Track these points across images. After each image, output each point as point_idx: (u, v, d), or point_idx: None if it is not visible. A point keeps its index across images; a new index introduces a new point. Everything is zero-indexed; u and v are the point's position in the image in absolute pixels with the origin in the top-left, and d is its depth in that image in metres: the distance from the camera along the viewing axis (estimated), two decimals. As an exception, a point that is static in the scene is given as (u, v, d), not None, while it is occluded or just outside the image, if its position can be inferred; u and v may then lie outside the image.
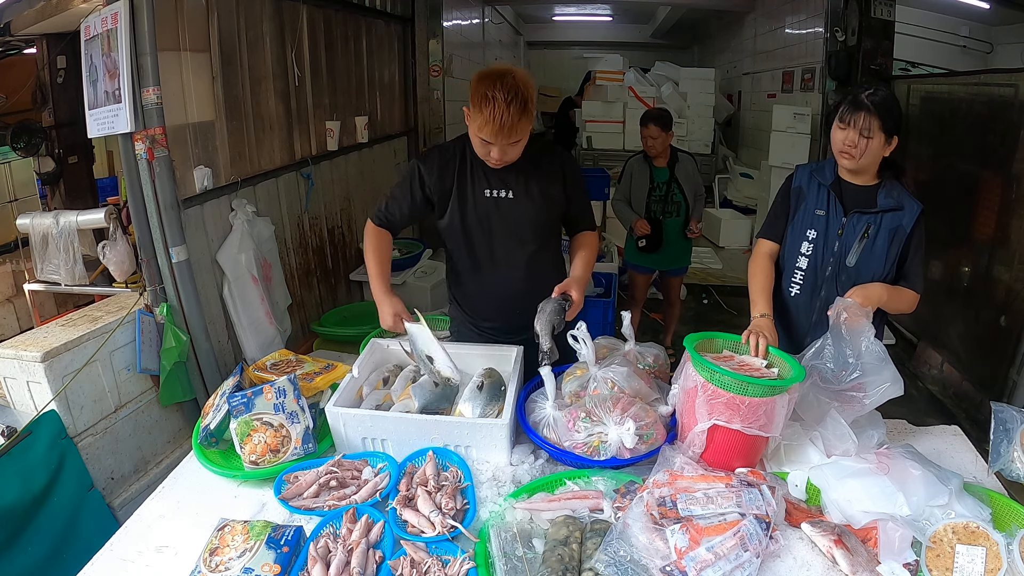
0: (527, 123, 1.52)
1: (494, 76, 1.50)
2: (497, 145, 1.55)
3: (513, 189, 1.70)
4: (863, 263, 1.67)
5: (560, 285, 1.67)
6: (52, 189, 3.11)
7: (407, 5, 4.60)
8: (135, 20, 2.06)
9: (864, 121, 1.55)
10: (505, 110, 1.47)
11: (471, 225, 1.73)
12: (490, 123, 1.49)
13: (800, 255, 1.74)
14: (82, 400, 2.11)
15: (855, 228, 1.66)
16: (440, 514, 1.24)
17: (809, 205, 1.73)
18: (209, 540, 1.22)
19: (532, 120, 1.54)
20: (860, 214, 1.66)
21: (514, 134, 1.52)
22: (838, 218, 1.68)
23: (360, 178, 3.98)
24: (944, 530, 1.17)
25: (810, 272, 1.74)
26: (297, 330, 3.17)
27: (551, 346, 1.57)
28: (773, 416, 1.33)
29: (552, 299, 1.64)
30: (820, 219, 1.70)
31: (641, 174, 3.33)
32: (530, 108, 1.51)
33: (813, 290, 1.75)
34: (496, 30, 8.38)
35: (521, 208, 1.71)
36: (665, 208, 3.32)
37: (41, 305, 2.80)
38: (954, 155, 3.35)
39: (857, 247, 1.66)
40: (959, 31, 4.92)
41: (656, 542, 1.14)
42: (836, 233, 1.68)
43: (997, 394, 2.91)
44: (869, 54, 4.22)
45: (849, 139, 1.59)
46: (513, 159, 1.62)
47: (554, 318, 1.60)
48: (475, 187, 1.70)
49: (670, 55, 8.95)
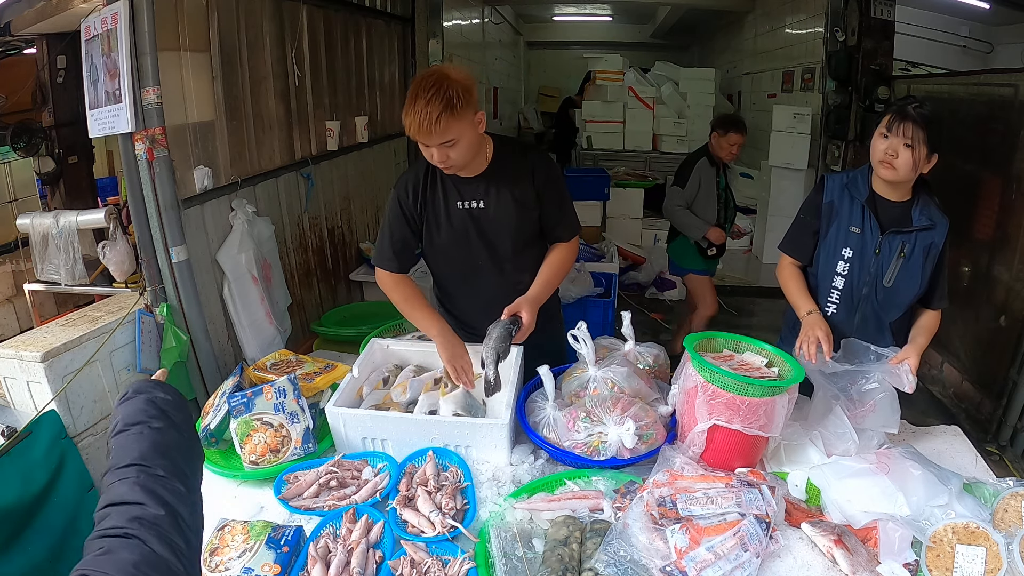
0: (455, 122, 1.44)
1: (421, 77, 1.46)
2: (432, 147, 1.48)
3: (484, 199, 1.65)
4: (899, 282, 1.65)
5: (510, 306, 1.59)
6: (52, 189, 3.11)
7: (407, 5, 4.60)
8: (135, 20, 2.06)
9: (911, 131, 1.53)
10: (424, 110, 1.41)
11: (449, 240, 1.69)
12: (412, 124, 1.45)
13: (836, 274, 1.71)
14: (82, 400, 2.11)
15: (891, 247, 1.64)
16: (440, 514, 1.24)
17: (843, 222, 1.68)
18: (209, 540, 1.22)
19: (464, 120, 1.45)
20: (895, 233, 1.63)
21: (441, 134, 1.44)
22: (874, 236, 1.65)
23: (360, 178, 3.98)
24: (944, 530, 1.17)
25: (846, 291, 1.71)
26: (297, 330, 3.17)
27: (496, 375, 1.51)
28: (773, 416, 1.33)
29: (500, 322, 1.56)
30: (855, 237, 1.67)
31: (711, 181, 3.27)
32: (458, 107, 1.42)
33: (849, 309, 1.73)
34: (496, 30, 8.38)
35: (494, 217, 1.66)
36: (727, 215, 3.38)
37: (41, 305, 2.79)
38: (954, 155, 3.35)
39: (894, 266, 1.64)
40: (959, 31, 4.91)
41: (656, 542, 1.14)
42: (873, 252, 1.65)
43: (997, 394, 2.91)
44: (869, 54, 4.22)
45: (892, 148, 1.55)
46: (459, 163, 1.53)
47: (499, 345, 1.51)
48: (448, 201, 1.66)
49: (670, 55, 8.94)
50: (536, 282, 1.69)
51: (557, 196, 1.71)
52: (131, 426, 0.84)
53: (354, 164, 3.88)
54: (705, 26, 9.27)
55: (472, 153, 1.56)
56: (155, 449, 0.82)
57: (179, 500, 0.77)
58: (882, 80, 4.18)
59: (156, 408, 0.88)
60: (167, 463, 0.81)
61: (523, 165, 1.66)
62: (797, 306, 1.72)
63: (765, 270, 5.29)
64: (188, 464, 0.85)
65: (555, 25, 10.95)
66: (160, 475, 0.78)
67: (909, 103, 1.56)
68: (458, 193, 1.66)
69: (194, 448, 0.91)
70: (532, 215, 1.69)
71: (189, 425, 0.92)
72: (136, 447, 0.81)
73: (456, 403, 1.52)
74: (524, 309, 1.59)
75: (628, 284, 4.86)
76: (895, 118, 1.56)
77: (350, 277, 3.79)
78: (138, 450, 0.80)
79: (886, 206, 1.66)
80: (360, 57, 3.91)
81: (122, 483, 0.76)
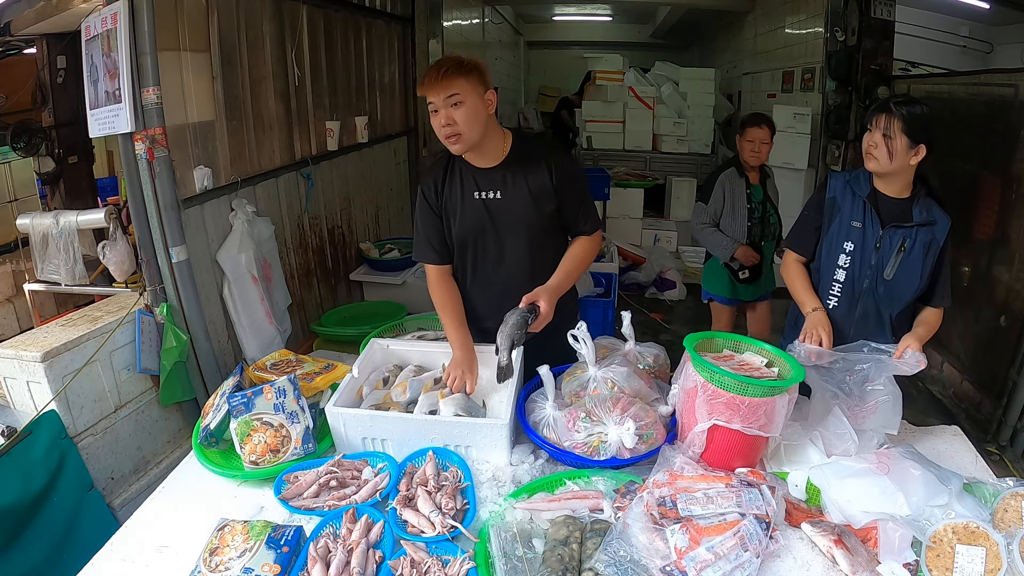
0: (461, 79, 1.52)
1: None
2: (440, 108, 1.54)
3: (501, 190, 1.67)
4: (900, 276, 1.69)
5: (529, 295, 1.59)
6: (52, 189, 3.11)
7: (407, 5, 4.60)
8: (135, 20, 2.06)
9: (885, 122, 1.59)
10: (436, 68, 1.53)
11: (466, 230, 1.72)
12: (425, 80, 1.55)
13: (837, 267, 1.76)
14: (82, 400, 2.11)
15: (892, 241, 1.68)
16: (440, 514, 1.24)
17: (845, 217, 1.73)
18: (209, 540, 1.22)
19: (471, 81, 1.53)
20: (896, 228, 1.67)
21: (447, 87, 1.52)
22: (875, 231, 1.69)
23: (360, 178, 3.98)
24: (944, 530, 1.17)
25: (847, 285, 1.76)
26: (297, 330, 3.17)
27: (508, 362, 1.53)
28: (773, 416, 1.33)
29: (517, 310, 1.56)
30: (857, 231, 1.71)
31: (740, 193, 2.81)
32: (468, 68, 1.53)
33: (850, 303, 1.77)
34: (496, 30, 8.38)
35: (511, 207, 1.68)
36: (764, 232, 2.86)
37: (41, 305, 2.80)
38: (954, 155, 3.35)
39: (894, 260, 1.68)
40: (959, 31, 4.91)
41: (656, 542, 1.14)
42: (873, 246, 1.70)
43: (997, 394, 2.91)
44: (869, 54, 4.22)
45: (872, 140, 1.63)
46: (465, 131, 1.56)
47: (515, 332, 1.52)
48: (464, 192, 1.69)
49: (670, 55, 8.94)
50: (556, 272, 1.69)
51: (576, 191, 1.72)
52: None
53: (354, 164, 3.88)
54: (705, 26, 9.28)
55: (478, 127, 1.57)
56: None
57: None
58: (882, 80, 4.18)
59: None
60: None
61: (541, 158, 1.68)
62: (802, 302, 1.77)
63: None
64: None
65: (555, 25, 10.96)
66: None
67: (893, 98, 1.63)
68: (475, 184, 1.68)
69: None
70: (548, 208, 1.70)
71: None
72: None
73: (456, 405, 1.52)
74: (543, 298, 1.59)
75: (628, 284, 4.86)
76: (874, 111, 1.64)
77: (350, 277, 3.79)
78: None
79: (887, 202, 1.70)
80: (360, 57, 3.91)
81: None
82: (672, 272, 4.93)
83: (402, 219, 4.63)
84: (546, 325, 1.62)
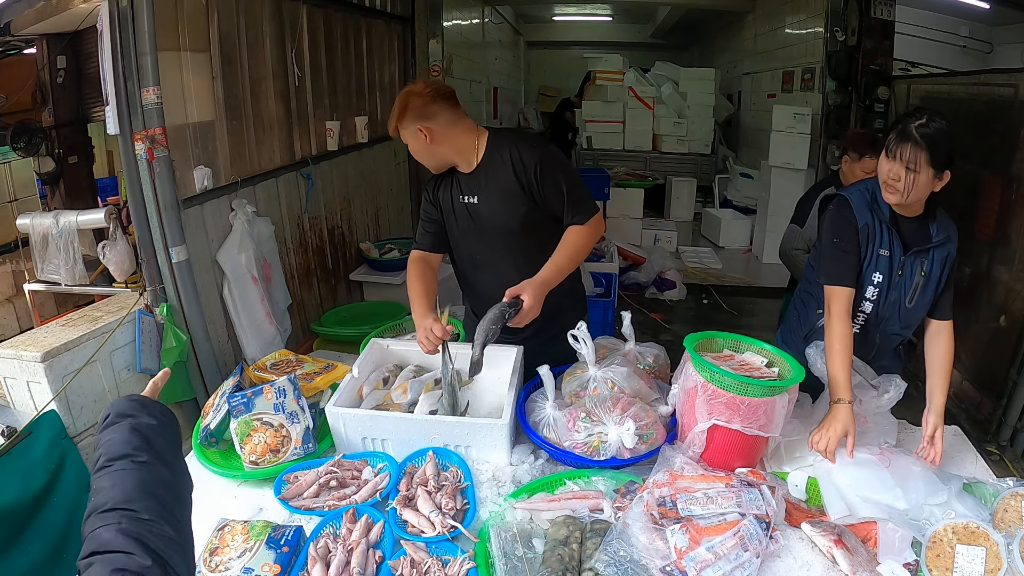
0: (402, 130, 1.65)
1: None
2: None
3: (478, 195, 1.68)
4: (919, 301, 1.60)
5: (513, 288, 1.53)
6: (52, 189, 3.11)
7: (407, 5, 4.60)
8: (135, 20, 2.06)
9: (911, 154, 1.41)
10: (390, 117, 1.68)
11: (457, 232, 1.75)
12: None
13: (864, 299, 1.63)
14: (82, 400, 2.11)
15: (912, 268, 1.57)
16: (440, 514, 1.24)
17: (875, 245, 1.58)
18: (209, 540, 1.22)
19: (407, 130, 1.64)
20: (916, 253, 1.56)
21: (399, 135, 1.68)
22: (898, 258, 1.57)
23: (360, 178, 3.98)
24: (944, 530, 1.17)
25: (872, 315, 1.65)
26: (297, 330, 3.17)
27: (479, 357, 1.49)
28: (773, 416, 1.33)
29: (497, 304, 1.51)
30: (884, 260, 1.57)
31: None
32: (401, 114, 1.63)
33: (870, 335, 1.68)
34: (496, 30, 8.38)
35: (487, 212, 1.68)
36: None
37: (41, 305, 2.79)
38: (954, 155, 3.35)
39: (915, 288, 1.58)
40: (959, 31, 4.91)
41: (656, 542, 1.14)
42: (897, 274, 1.58)
43: (997, 394, 2.91)
44: (869, 54, 4.23)
45: (894, 172, 1.45)
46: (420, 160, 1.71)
47: (489, 327, 1.46)
48: (453, 196, 1.72)
49: (670, 55, 8.95)
50: (546, 265, 1.60)
51: (555, 181, 1.62)
52: (113, 461, 0.79)
53: (354, 164, 3.88)
54: (705, 26, 9.28)
55: (427, 158, 1.68)
56: (140, 489, 0.76)
57: (167, 545, 0.72)
58: (882, 80, 4.18)
59: (140, 438, 0.83)
60: (153, 504, 0.75)
61: (507, 157, 1.62)
62: (835, 381, 1.48)
63: (765, 270, 5.30)
64: (176, 501, 0.80)
65: (555, 25, 10.96)
66: (146, 519, 0.73)
67: (914, 120, 1.43)
68: (460, 189, 1.71)
69: (182, 481, 0.85)
70: (520, 210, 1.65)
71: (177, 452, 0.87)
72: (120, 487, 0.76)
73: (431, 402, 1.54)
74: (527, 292, 1.52)
75: (628, 284, 4.86)
76: (896, 138, 1.45)
77: (350, 277, 3.79)
78: (122, 491, 0.75)
79: (907, 224, 1.57)
80: (360, 57, 3.91)
81: (106, 529, 0.71)
82: (672, 272, 4.93)
83: (402, 219, 4.63)
84: (551, 325, 1.61)
